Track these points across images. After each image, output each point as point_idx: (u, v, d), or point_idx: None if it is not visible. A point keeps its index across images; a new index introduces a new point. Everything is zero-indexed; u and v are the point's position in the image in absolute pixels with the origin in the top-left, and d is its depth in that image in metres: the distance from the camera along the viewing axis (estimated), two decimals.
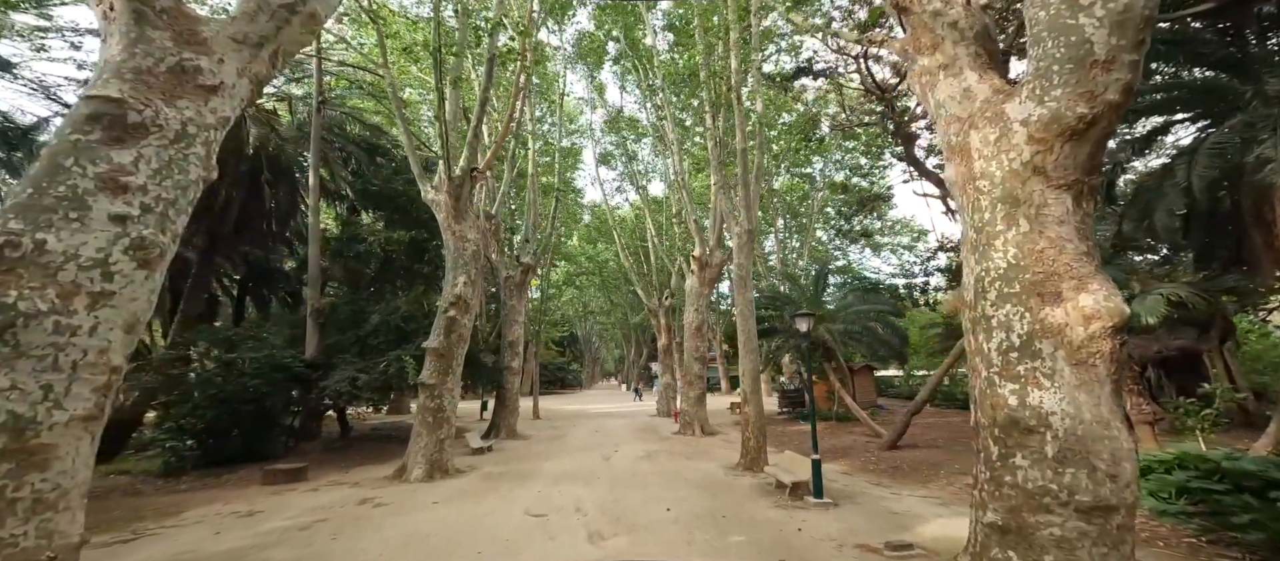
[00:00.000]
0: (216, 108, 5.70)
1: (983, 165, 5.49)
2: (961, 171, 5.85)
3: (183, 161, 5.27)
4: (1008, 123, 5.36)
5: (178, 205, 5.20)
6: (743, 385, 13.76)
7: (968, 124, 5.88)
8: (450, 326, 13.78)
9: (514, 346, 22.33)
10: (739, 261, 14.65)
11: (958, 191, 6.01)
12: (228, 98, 5.84)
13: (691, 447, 18.23)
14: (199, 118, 5.48)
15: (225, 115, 5.85)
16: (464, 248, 14.78)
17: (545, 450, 18.28)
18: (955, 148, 6.04)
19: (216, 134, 5.77)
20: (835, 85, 28.40)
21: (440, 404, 13.31)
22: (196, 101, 5.50)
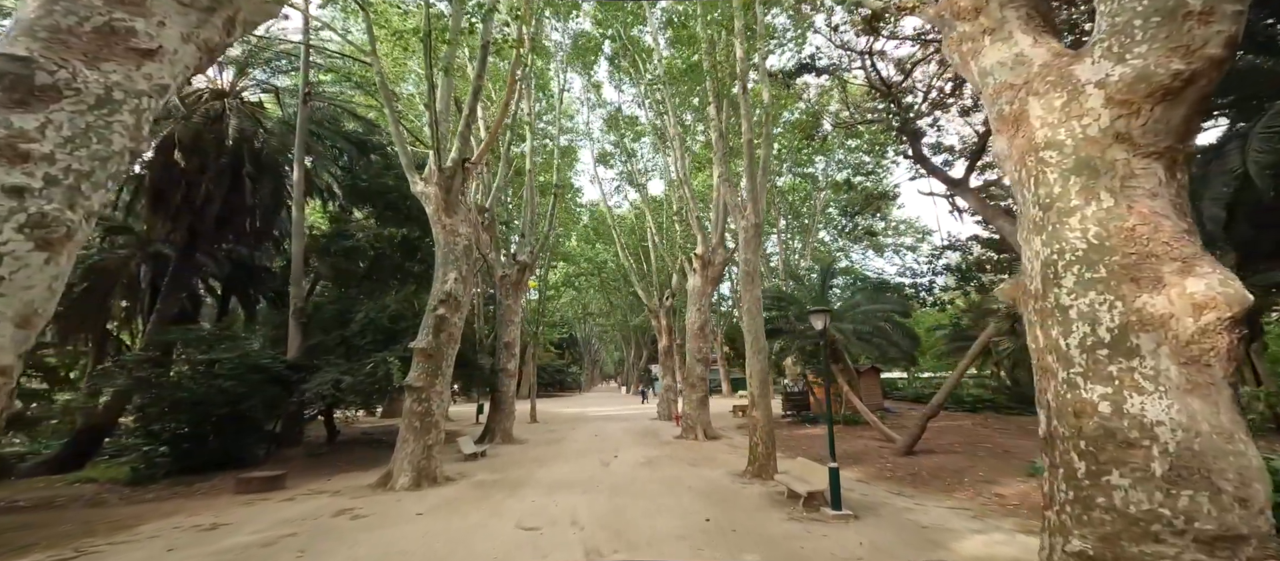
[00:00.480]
0: (152, 74, 4.90)
1: (1048, 134, 4.68)
2: (1019, 143, 5.03)
3: (104, 130, 4.47)
4: (1078, 86, 4.55)
5: (94, 178, 4.37)
6: (750, 388, 12.92)
7: (1024, 91, 5.08)
8: (439, 325, 12.92)
9: (510, 348, 21.46)
10: (746, 257, 13.81)
11: (1012, 165, 5.20)
12: (167, 64, 5.02)
13: (695, 453, 17.37)
14: (128, 83, 4.68)
15: (162, 82, 5.03)
16: (455, 243, 13.93)
17: (541, 455, 17.41)
18: (1008, 118, 5.24)
19: (151, 102, 4.96)
20: (838, 82, 27.69)
21: (428, 408, 12.45)
22: (126, 65, 4.72)
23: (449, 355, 13.06)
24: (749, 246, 13.86)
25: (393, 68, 23.65)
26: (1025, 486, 10.23)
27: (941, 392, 14.39)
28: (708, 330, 21.69)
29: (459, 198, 14.40)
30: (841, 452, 15.85)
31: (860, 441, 17.52)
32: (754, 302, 13.27)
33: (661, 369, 30.17)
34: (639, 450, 18.22)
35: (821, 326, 9.37)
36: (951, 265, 24.49)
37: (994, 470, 11.80)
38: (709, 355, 21.69)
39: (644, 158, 32.67)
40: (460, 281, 13.62)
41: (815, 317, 9.22)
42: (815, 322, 9.19)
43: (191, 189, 16.86)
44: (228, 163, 17.04)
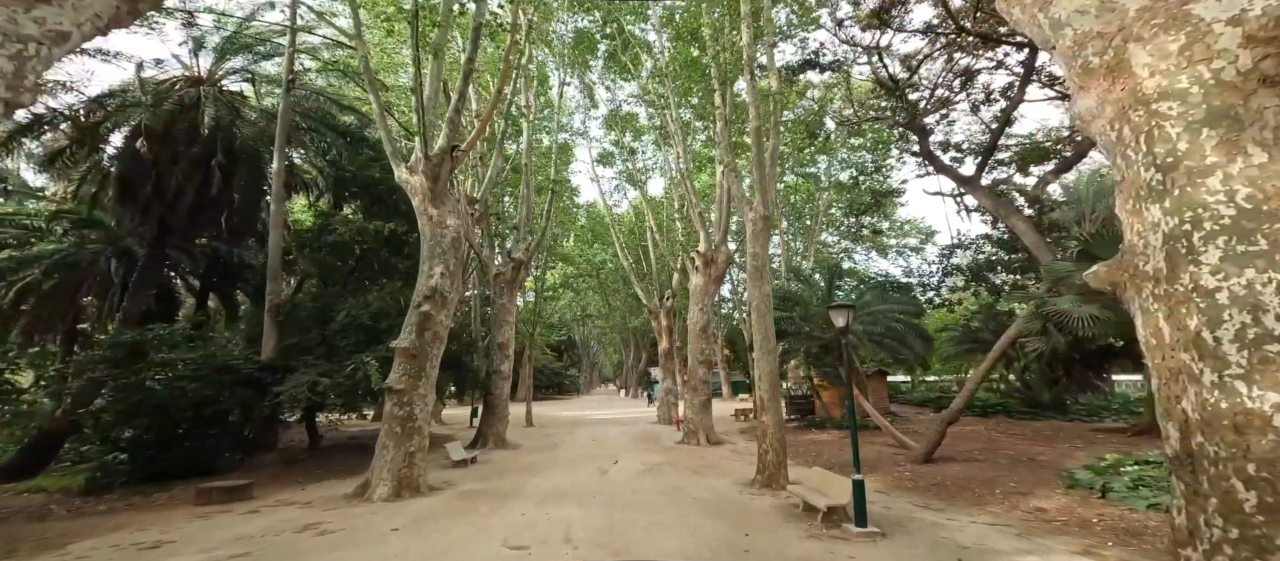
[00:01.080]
0: (46, 18, 3.98)
1: (1162, 82, 3.69)
2: (1117, 96, 4.05)
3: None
4: (1201, 25, 3.59)
5: None
6: (758, 391, 11.90)
7: (1119, 37, 4.10)
8: (424, 323, 11.89)
9: (504, 349, 20.43)
10: (753, 251, 12.80)
11: (1105, 123, 4.21)
12: (69, 9, 4.09)
13: (698, 459, 16.35)
14: (11, 26, 3.79)
15: (59, 29, 4.10)
16: (442, 235, 12.91)
17: (536, 462, 16.38)
18: (1099, 70, 4.26)
19: (43, 50, 4.05)
20: (843, 78, 26.75)
21: (411, 412, 11.41)
22: (11, 6, 3.84)
23: (433, 355, 12.03)
24: (757, 240, 12.86)
25: (384, 58, 22.67)
26: (1067, 499, 9.22)
27: (961, 397, 13.40)
28: (710, 331, 20.67)
29: (447, 187, 13.39)
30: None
31: (871, 448, 16.51)
32: (763, 300, 12.27)
33: (662, 372, 29.14)
34: (639, 456, 17.20)
35: (843, 323, 8.37)
36: (961, 265, 23.56)
37: (1025, 480, 10.78)
38: (712, 357, 20.67)
39: (644, 156, 31.66)
40: (447, 276, 12.60)
41: (836, 314, 8.22)
42: (836, 319, 8.19)
43: (162, 180, 15.82)
44: (201, 152, 16.00)
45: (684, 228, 26.04)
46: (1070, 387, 23.42)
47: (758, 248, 12.79)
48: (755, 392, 11.66)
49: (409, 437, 11.31)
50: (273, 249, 15.48)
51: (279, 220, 15.54)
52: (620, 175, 34.92)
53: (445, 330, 12.49)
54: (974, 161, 24.00)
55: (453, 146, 13.53)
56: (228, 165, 16.76)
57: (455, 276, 12.97)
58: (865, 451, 15.84)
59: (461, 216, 13.72)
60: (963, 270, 23.46)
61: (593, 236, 41.70)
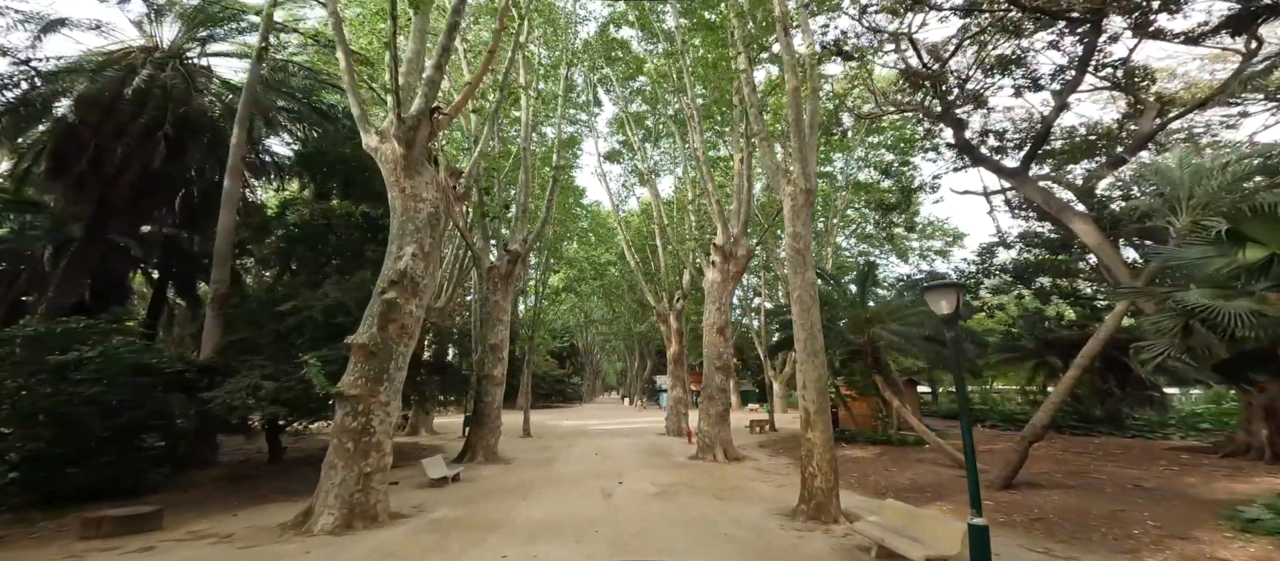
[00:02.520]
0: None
1: None
2: None
3: None
4: None
5: None
6: (804, 400, 9.41)
7: None
8: (388, 314, 9.47)
9: (497, 351, 17.96)
10: (794, 230, 10.36)
11: None
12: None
13: (718, 479, 13.82)
14: None
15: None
16: (416, 210, 10.55)
17: (529, 480, 13.88)
18: None
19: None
20: (865, 71, 24.44)
21: (367, 423, 8.96)
22: None
23: (400, 354, 9.59)
24: (798, 217, 10.42)
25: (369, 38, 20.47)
26: (1253, 547, 6.68)
27: (1045, 411, 10.81)
28: (728, 333, 18.19)
29: (423, 156, 11.05)
30: (907, 482, 12.35)
31: (920, 466, 13.96)
32: (806, 290, 9.81)
33: (671, 379, 26.59)
34: (648, 474, 14.69)
35: (951, 309, 5.77)
36: (1007, 265, 21.00)
37: (1165, 516, 8.21)
38: (730, 361, 18.18)
39: (653, 152, 29.29)
40: (420, 258, 10.20)
41: (939, 296, 5.72)
42: (939, 303, 5.67)
43: (102, 154, 13.56)
44: (148, 124, 13.79)
45: (697, 222, 23.64)
46: (1125, 400, 20.85)
47: (798, 226, 10.35)
48: (801, 403, 9.14)
49: (364, 455, 8.86)
50: (222, 232, 13.12)
51: (232, 199, 13.21)
52: (628, 172, 32.63)
53: (417, 324, 10.07)
54: (1017, 154, 21.61)
55: (432, 109, 11.22)
56: (180, 140, 14.53)
57: (431, 260, 10.57)
58: (919, 472, 13.33)
59: (441, 189, 11.35)
60: (1007, 271, 20.93)
61: (597, 239, 39.45)
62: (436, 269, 10.63)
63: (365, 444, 8.87)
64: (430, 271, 10.51)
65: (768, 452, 18.93)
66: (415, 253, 10.17)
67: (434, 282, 10.69)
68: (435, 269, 10.84)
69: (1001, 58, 20.61)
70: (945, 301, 5.71)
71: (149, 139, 14.15)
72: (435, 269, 10.84)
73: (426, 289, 10.32)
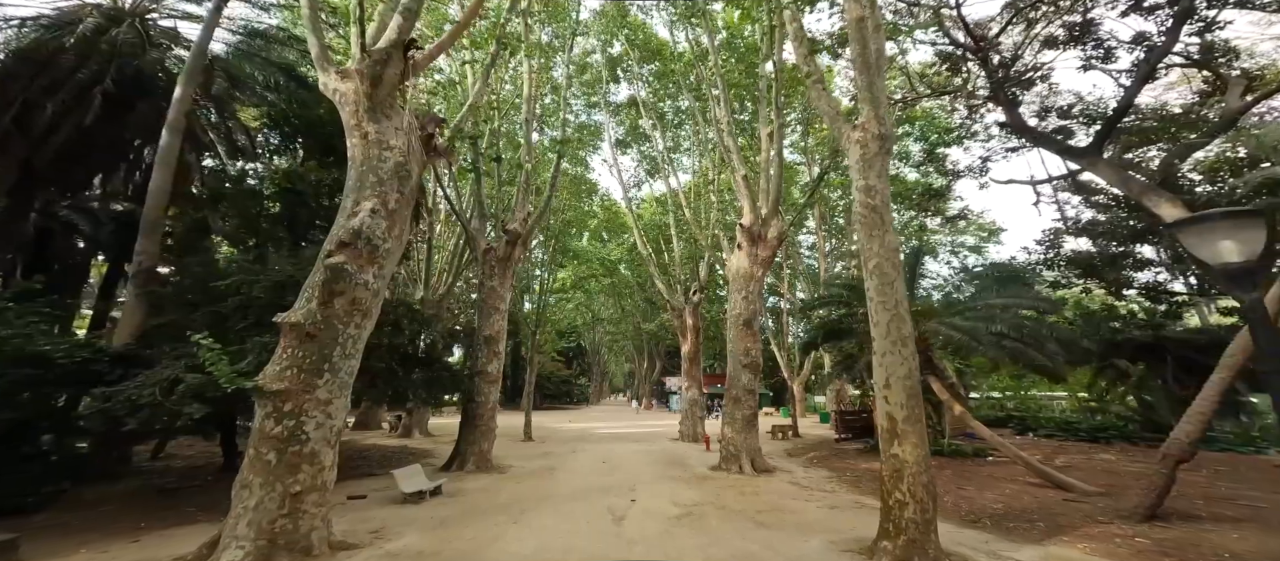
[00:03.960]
0: None
1: None
2: None
3: None
4: None
5: None
6: (886, 403, 6.86)
7: None
8: (334, 284, 7.06)
9: (492, 344, 15.57)
10: (867, 183, 7.86)
11: None
12: None
13: (751, 497, 11.30)
14: None
15: None
16: (380, 159, 8.17)
17: (523, 496, 11.44)
18: None
19: None
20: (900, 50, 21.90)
21: (297, 427, 6.53)
22: None
23: (350, 338, 7.16)
24: (870, 169, 7.93)
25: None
26: None
27: (1195, 424, 8.20)
28: (756, 325, 15.68)
29: (391, 99, 8.68)
30: (999, 505, 9.75)
31: (1002, 484, 11.35)
32: (887, 257, 7.31)
33: (685, 379, 24.09)
34: (666, 489, 12.22)
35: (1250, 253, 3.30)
36: (1077, 255, 18.24)
37: None
38: (758, 359, 15.66)
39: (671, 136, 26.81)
40: (382, 216, 7.80)
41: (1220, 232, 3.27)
42: (1219, 244, 3.24)
43: (30, 112, 11.34)
44: (87, 81, 11.63)
45: (719, 204, 21.16)
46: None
47: (872, 179, 7.85)
48: (877, 408, 6.60)
49: (291, 469, 6.44)
50: (152, 194, 10.79)
51: (168, 157, 10.88)
52: (639, 161, 30.17)
53: (375, 301, 7.65)
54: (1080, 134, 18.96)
55: (407, 43, 8.88)
56: (125, 100, 12.29)
57: (398, 220, 8.16)
58: (1011, 493, 10.67)
59: (412, 135, 8.98)
60: (1077, 262, 18.24)
61: (608, 235, 37.16)
62: (406, 232, 8.23)
63: (293, 455, 6.45)
64: (396, 235, 8.10)
65: (800, 463, 16.38)
66: (376, 209, 7.77)
67: (401, 248, 8.27)
68: (404, 232, 8.44)
69: (1069, 26, 18.04)
70: (1235, 241, 3.18)
71: (86, 97, 11.95)
72: (404, 232, 8.44)
73: (390, 255, 7.90)
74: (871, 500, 10.94)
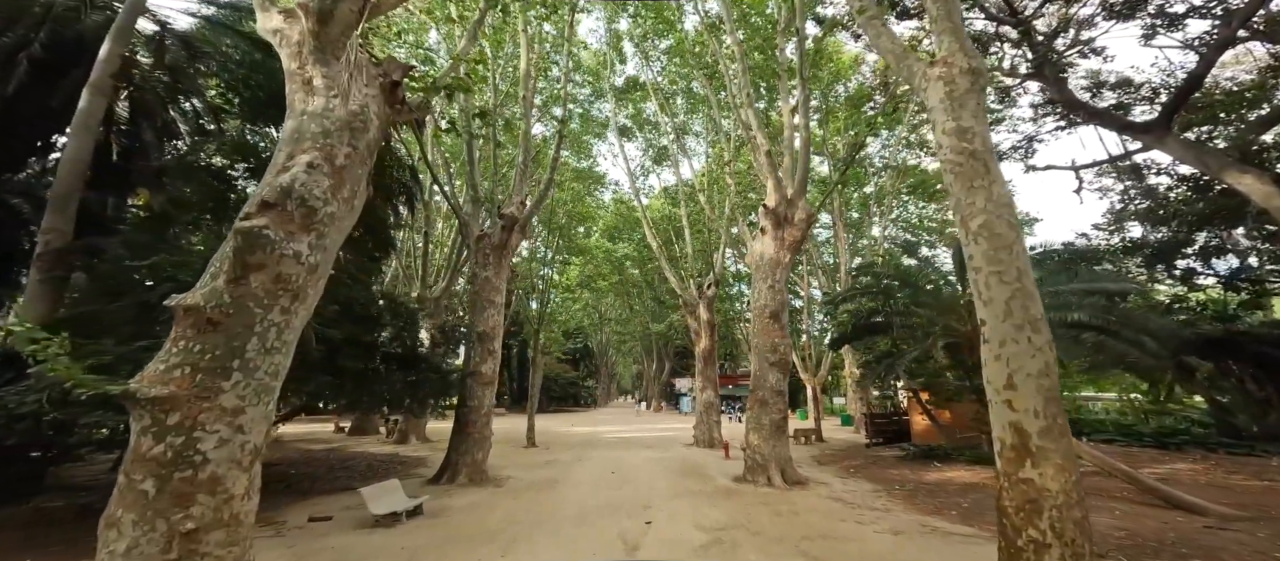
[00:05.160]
0: None
1: None
2: None
3: None
4: None
5: None
6: (1016, 404, 4.80)
7: None
8: (248, 253, 5.11)
9: (486, 341, 13.66)
10: (959, 126, 5.89)
11: None
12: None
13: (788, 518, 9.31)
14: None
15: None
16: (327, 108, 6.31)
17: (518, 516, 9.50)
18: None
19: None
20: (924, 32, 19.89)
21: (188, 446, 4.60)
22: None
23: (272, 325, 5.20)
24: (962, 108, 5.98)
25: None
26: None
27: None
28: (784, 319, 13.69)
29: (344, 41, 6.78)
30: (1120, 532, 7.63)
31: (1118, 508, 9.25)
32: (999, 212, 5.34)
33: (699, 380, 22.10)
34: (686, 507, 10.26)
35: None
36: (1139, 242, 16.07)
37: None
38: (787, 356, 13.67)
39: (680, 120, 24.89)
40: (325, 173, 5.89)
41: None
42: None
43: None
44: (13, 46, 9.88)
45: (738, 186, 19.17)
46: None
47: (967, 120, 5.90)
48: (993, 418, 4.56)
49: (180, 502, 4.50)
50: (66, 164, 8.92)
51: (85, 123, 9.01)
52: (647, 151, 28.28)
53: (311, 279, 5.70)
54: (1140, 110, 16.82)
55: None
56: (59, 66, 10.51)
57: (347, 182, 6.25)
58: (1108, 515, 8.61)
59: (372, 81, 7.11)
60: (1145, 247, 16.13)
61: (617, 233, 35.37)
62: (360, 197, 6.34)
63: (182, 482, 4.52)
64: (345, 197, 6.18)
65: (833, 473, 14.35)
66: (315, 163, 5.86)
67: (351, 216, 6.40)
68: (358, 197, 6.58)
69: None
70: None
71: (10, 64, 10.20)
72: (358, 197, 6.58)
73: (334, 222, 5.97)
74: (938, 521, 8.95)
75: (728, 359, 49.25)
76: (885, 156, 32.32)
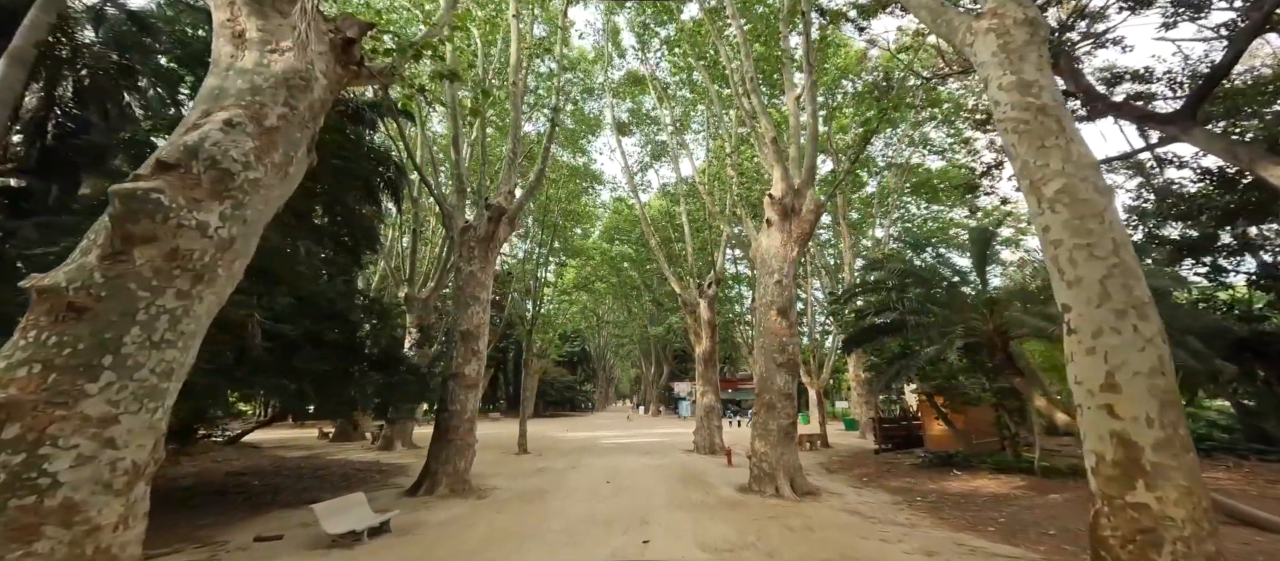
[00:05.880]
0: None
1: None
2: None
3: None
4: None
5: None
6: (1120, 410, 3.69)
7: None
8: (132, 222, 3.96)
9: (470, 341, 12.47)
10: (1019, 78, 4.79)
11: None
12: None
13: (804, 534, 8.13)
14: None
15: None
16: (261, 62, 5.22)
17: (499, 535, 8.31)
18: None
19: None
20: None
21: (30, 464, 3.42)
22: None
23: (160, 315, 4.00)
24: (1023, 61, 4.92)
25: None
26: None
27: None
28: (793, 316, 12.54)
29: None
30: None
31: None
32: (1083, 173, 4.22)
33: (700, 383, 20.92)
34: (687, 521, 9.10)
35: None
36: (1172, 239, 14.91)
37: None
38: (796, 356, 12.52)
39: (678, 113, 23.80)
40: (248, 134, 4.77)
41: None
42: None
43: None
44: None
45: (740, 178, 18.02)
46: None
47: (1030, 73, 4.82)
48: (1086, 425, 3.36)
49: (19, 536, 3.33)
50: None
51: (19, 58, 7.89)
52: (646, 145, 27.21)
53: (223, 258, 4.52)
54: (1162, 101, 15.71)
55: None
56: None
57: (279, 145, 5.12)
58: None
59: (319, 35, 6.02)
60: (1168, 246, 15.01)
61: (615, 230, 34.32)
62: (298, 166, 5.16)
63: (21, 511, 3.35)
64: (275, 163, 5.03)
65: (845, 481, 13.16)
66: (235, 120, 4.72)
67: (283, 188, 5.29)
68: (295, 167, 5.46)
69: None
70: None
71: None
72: (295, 167, 5.46)
73: (257, 191, 4.80)
74: (976, 539, 7.80)
75: (727, 362, 48.06)
76: (888, 155, 31.30)
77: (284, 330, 7.59)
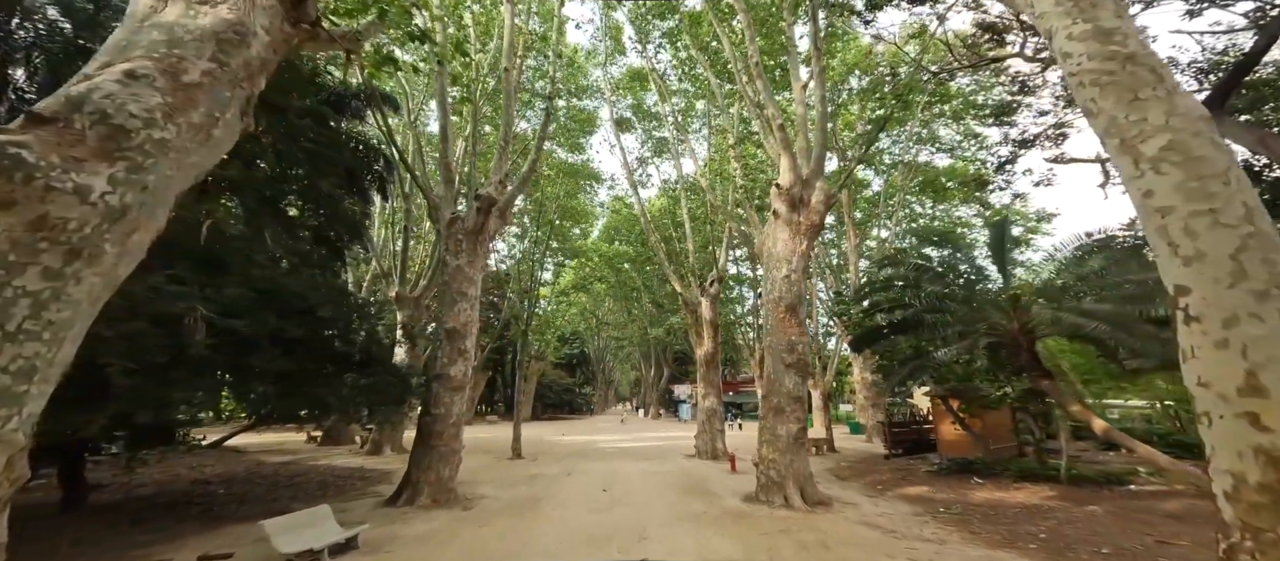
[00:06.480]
0: None
1: None
2: None
3: None
4: None
5: None
6: (1269, 420, 2.82)
7: None
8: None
9: (456, 339, 11.55)
10: (1096, 26, 3.90)
11: None
12: None
13: (820, 552, 7.17)
14: None
15: None
16: (178, 16, 4.34)
17: (476, 552, 7.39)
18: None
19: None
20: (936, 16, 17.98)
21: None
22: None
23: (18, 300, 3.14)
24: (1097, 8, 4.02)
25: None
26: None
27: None
28: (803, 314, 11.62)
29: None
30: None
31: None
32: (1192, 127, 3.31)
33: (701, 385, 19.98)
34: (690, 535, 8.16)
35: None
36: None
37: None
38: (806, 356, 11.59)
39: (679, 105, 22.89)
40: (157, 88, 3.84)
41: None
42: None
43: None
44: None
45: (744, 171, 17.10)
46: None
47: (1110, 20, 3.91)
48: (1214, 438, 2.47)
49: None
50: None
51: None
52: (644, 140, 26.29)
53: (114, 231, 3.60)
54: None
55: None
56: None
57: (200, 102, 4.19)
58: None
59: None
60: None
61: (614, 230, 33.43)
62: (224, 133, 4.22)
63: None
64: (192, 124, 4.10)
65: (858, 489, 12.21)
66: (138, 71, 3.81)
67: (204, 154, 4.39)
68: (221, 132, 4.55)
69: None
70: None
71: None
72: (221, 132, 4.55)
73: (163, 153, 3.86)
74: (1018, 559, 6.86)
75: (727, 364, 47.10)
76: (895, 153, 30.40)
77: (236, 326, 6.69)
